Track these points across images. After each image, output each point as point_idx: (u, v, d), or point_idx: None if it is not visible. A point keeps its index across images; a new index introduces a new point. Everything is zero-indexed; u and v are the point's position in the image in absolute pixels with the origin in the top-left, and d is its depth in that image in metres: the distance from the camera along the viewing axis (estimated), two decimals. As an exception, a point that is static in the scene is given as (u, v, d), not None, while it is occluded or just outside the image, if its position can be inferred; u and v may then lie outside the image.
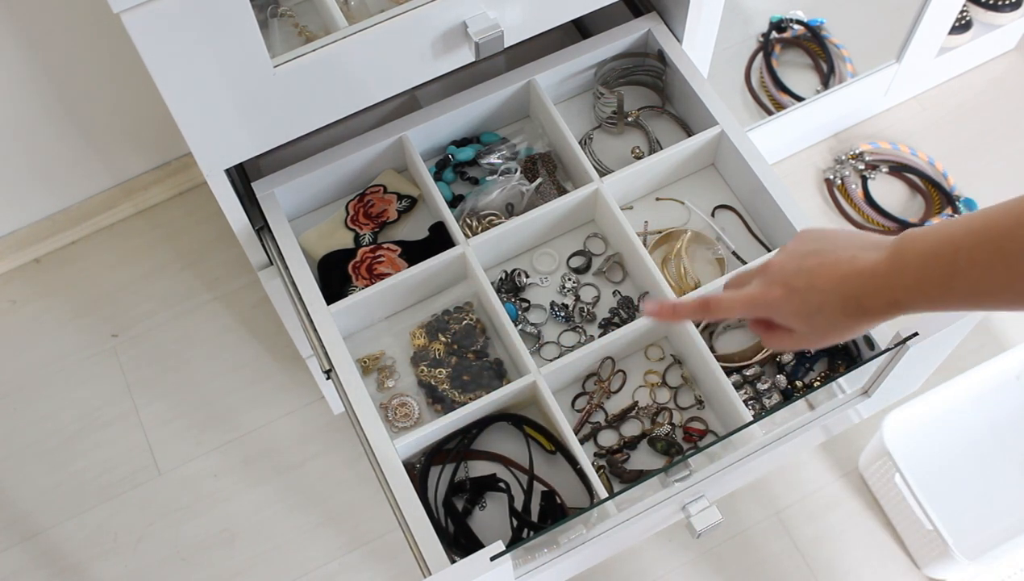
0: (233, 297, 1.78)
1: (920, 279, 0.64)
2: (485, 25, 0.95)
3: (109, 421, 1.68)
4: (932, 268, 0.63)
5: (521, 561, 0.92)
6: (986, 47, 1.89)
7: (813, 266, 0.70)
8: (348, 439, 1.65)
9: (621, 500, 0.93)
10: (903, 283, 0.65)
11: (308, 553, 1.58)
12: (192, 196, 1.86)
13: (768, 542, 1.57)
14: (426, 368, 1.07)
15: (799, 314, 0.72)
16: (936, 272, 0.63)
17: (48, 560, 1.59)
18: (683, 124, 1.20)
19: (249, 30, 0.85)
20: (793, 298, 0.71)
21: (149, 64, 0.84)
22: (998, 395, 1.58)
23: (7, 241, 1.77)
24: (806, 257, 0.71)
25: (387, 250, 1.12)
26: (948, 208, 1.77)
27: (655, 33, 1.18)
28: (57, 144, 1.64)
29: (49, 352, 1.74)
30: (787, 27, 1.78)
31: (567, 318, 1.10)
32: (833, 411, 1.03)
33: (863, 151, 1.82)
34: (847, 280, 0.68)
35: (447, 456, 1.02)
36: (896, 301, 0.66)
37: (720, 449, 0.98)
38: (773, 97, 1.75)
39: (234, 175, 1.14)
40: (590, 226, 1.16)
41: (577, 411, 1.06)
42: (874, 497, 1.59)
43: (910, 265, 0.64)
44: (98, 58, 1.53)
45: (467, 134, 1.20)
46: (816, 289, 0.70)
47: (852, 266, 0.68)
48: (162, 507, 1.62)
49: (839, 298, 0.69)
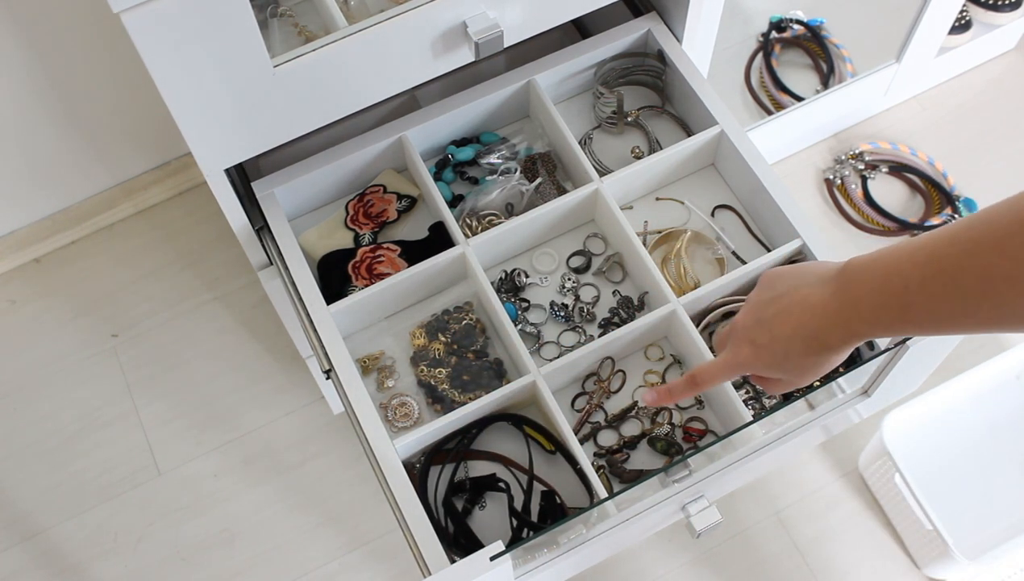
0: (233, 297, 1.78)
1: (875, 311, 0.65)
2: (485, 25, 0.95)
3: (109, 421, 1.68)
4: (884, 301, 0.64)
5: (521, 561, 0.92)
6: (986, 47, 1.89)
7: (771, 317, 0.72)
8: (348, 439, 1.65)
9: (621, 500, 0.93)
10: (858, 316, 0.66)
11: (308, 553, 1.58)
12: (192, 196, 1.86)
13: (768, 542, 1.57)
14: (426, 368, 1.07)
15: (771, 366, 0.74)
16: (890, 304, 0.63)
17: (48, 560, 1.59)
18: (683, 124, 1.20)
19: (249, 30, 0.85)
20: (761, 353, 0.73)
21: (149, 64, 0.84)
22: (998, 395, 1.58)
23: (7, 241, 1.77)
24: (765, 307, 0.73)
25: (387, 250, 1.12)
26: (948, 208, 1.77)
27: (655, 33, 1.18)
28: (57, 144, 1.64)
29: (49, 352, 1.74)
30: (787, 27, 1.78)
31: (567, 318, 1.10)
32: (833, 411, 1.03)
33: (863, 151, 1.82)
34: (803, 323, 0.69)
35: (447, 456, 1.02)
36: (855, 333, 0.67)
37: (720, 449, 0.98)
38: (773, 97, 1.75)
39: (234, 175, 1.14)
40: (590, 226, 1.16)
41: (577, 411, 1.06)
42: (874, 497, 1.59)
43: (862, 299, 0.65)
44: (98, 58, 1.53)
45: (467, 134, 1.20)
46: (778, 339, 0.71)
47: (804, 307, 0.69)
48: (162, 507, 1.62)
49: (800, 342, 0.70)
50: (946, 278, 0.60)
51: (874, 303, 0.64)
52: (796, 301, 0.70)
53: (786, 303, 0.71)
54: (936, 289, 0.60)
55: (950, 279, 0.59)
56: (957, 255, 0.59)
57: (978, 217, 0.60)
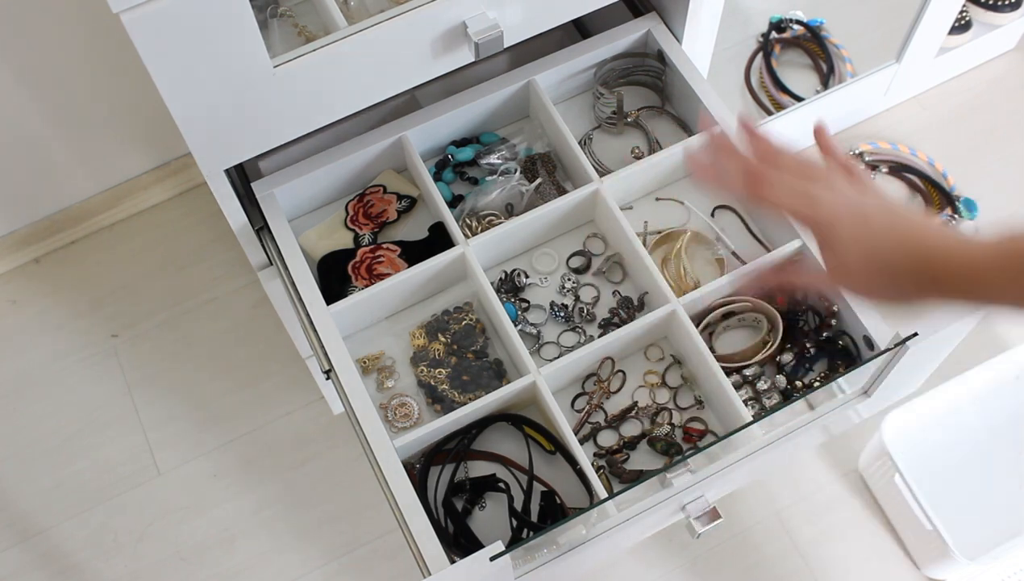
0: (233, 297, 1.78)
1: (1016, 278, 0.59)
2: (485, 25, 0.95)
3: (109, 421, 1.68)
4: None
5: (521, 561, 0.92)
6: (986, 47, 1.89)
7: (899, 212, 0.64)
8: (348, 439, 1.65)
9: (621, 500, 0.93)
10: (999, 278, 0.59)
11: (308, 553, 1.59)
12: (192, 196, 1.86)
13: (768, 542, 1.57)
14: (426, 368, 1.07)
15: (859, 248, 0.64)
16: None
17: (48, 560, 1.59)
18: (683, 124, 1.20)
19: (249, 30, 0.85)
20: (861, 226, 0.64)
21: (149, 64, 0.84)
22: (998, 395, 1.58)
23: (7, 241, 1.77)
24: (886, 200, 0.64)
25: (387, 250, 1.12)
26: (948, 208, 1.77)
27: (655, 33, 1.18)
28: (57, 144, 1.64)
29: (49, 352, 1.74)
30: (787, 27, 1.78)
31: (567, 318, 1.10)
32: (833, 411, 1.03)
33: (863, 151, 1.82)
34: (934, 246, 0.62)
35: (447, 456, 1.02)
36: (972, 289, 0.61)
37: (720, 449, 0.98)
38: (773, 97, 1.75)
39: (234, 175, 1.14)
40: (590, 226, 1.16)
41: (577, 411, 1.06)
42: (874, 497, 1.59)
43: (1016, 264, 0.59)
44: (98, 58, 1.53)
45: (467, 134, 1.20)
46: (893, 236, 0.63)
47: (945, 236, 0.62)
48: (162, 507, 1.62)
49: (914, 259, 0.62)
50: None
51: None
52: (935, 227, 0.63)
53: (921, 220, 0.63)
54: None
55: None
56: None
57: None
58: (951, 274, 0.62)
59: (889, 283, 0.64)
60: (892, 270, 0.63)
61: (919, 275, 0.63)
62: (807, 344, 1.05)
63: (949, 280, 0.62)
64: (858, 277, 0.66)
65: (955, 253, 0.62)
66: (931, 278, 0.62)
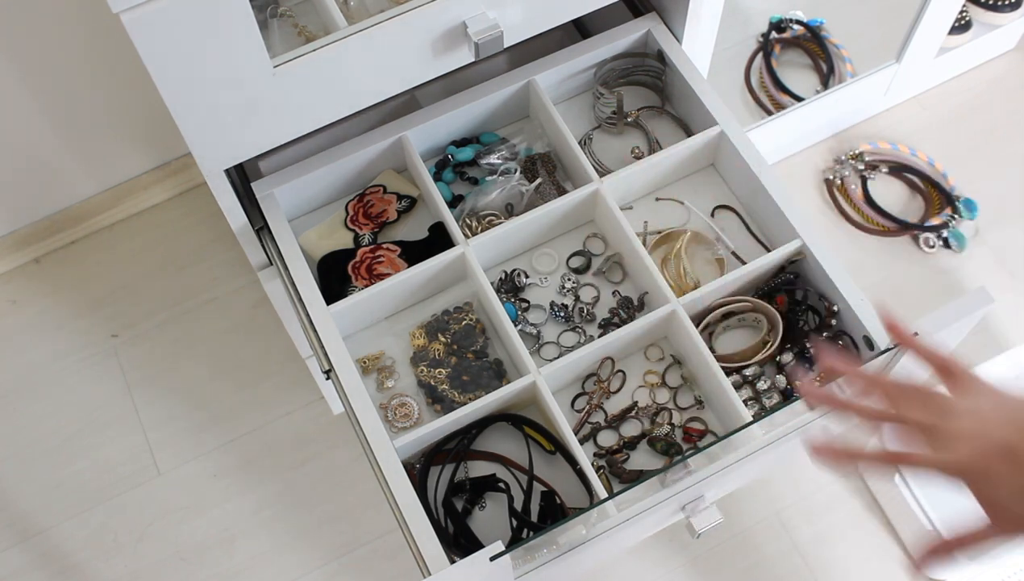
0: (233, 297, 1.78)
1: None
2: (485, 25, 0.95)
3: (109, 421, 1.68)
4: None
5: (521, 561, 0.92)
6: (986, 47, 1.89)
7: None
8: (348, 439, 1.65)
9: (621, 500, 0.93)
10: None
11: (308, 553, 1.58)
12: (191, 196, 1.86)
13: (768, 542, 1.57)
14: (426, 368, 1.07)
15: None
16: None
17: (48, 560, 1.59)
18: (683, 124, 1.20)
19: (249, 30, 0.85)
20: (1011, 463, 0.55)
21: (149, 64, 0.84)
22: (998, 395, 1.58)
23: (7, 241, 1.77)
24: (1011, 402, 0.56)
25: (387, 250, 1.12)
26: (948, 208, 1.77)
27: (655, 33, 1.18)
28: (57, 144, 1.64)
29: (49, 352, 1.74)
30: (787, 27, 1.78)
31: (567, 318, 1.10)
32: (833, 411, 1.03)
33: (863, 151, 1.82)
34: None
35: (447, 456, 1.02)
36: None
37: (720, 449, 0.98)
38: (773, 97, 1.75)
39: (234, 175, 1.14)
40: (590, 226, 1.16)
41: (577, 411, 1.06)
42: (874, 497, 1.59)
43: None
44: (97, 58, 1.53)
45: (467, 134, 1.20)
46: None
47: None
48: (162, 507, 1.62)
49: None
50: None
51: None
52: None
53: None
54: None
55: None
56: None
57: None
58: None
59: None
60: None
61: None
62: (807, 344, 1.05)
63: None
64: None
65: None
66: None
